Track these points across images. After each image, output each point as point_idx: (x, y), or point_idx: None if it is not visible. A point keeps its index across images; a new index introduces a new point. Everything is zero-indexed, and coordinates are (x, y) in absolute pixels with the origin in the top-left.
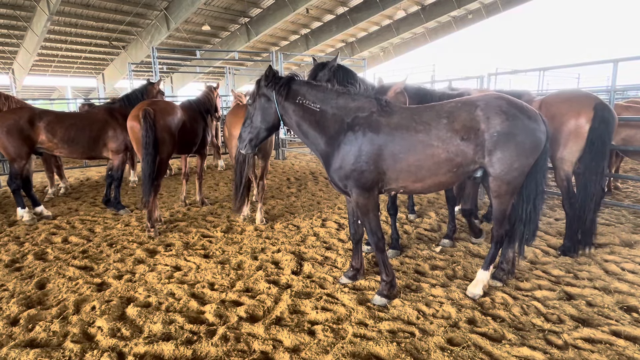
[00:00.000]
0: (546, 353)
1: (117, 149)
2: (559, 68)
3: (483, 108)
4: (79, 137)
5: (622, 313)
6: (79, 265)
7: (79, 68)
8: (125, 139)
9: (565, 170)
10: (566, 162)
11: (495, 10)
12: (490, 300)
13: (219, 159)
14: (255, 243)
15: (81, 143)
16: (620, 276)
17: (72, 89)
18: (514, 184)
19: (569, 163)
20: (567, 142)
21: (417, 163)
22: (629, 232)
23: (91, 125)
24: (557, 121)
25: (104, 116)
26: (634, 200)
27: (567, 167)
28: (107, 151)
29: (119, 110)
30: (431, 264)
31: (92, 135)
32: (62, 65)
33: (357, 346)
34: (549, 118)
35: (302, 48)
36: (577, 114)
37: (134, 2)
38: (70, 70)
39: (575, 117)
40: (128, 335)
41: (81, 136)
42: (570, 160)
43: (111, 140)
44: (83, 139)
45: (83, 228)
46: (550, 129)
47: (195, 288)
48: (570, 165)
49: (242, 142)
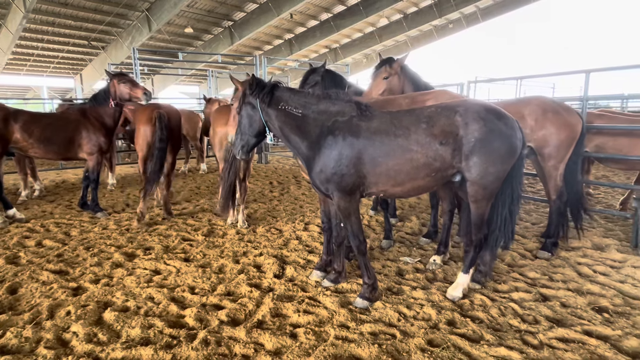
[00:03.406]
0: (522, 353)
1: (90, 150)
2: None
3: (462, 114)
4: (55, 137)
5: (593, 313)
6: (54, 270)
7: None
8: (98, 140)
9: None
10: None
11: (475, 20)
12: (470, 302)
13: (202, 162)
14: (237, 247)
15: (57, 143)
16: (592, 278)
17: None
18: (490, 189)
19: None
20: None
21: (396, 167)
22: (600, 236)
23: (66, 126)
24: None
25: (78, 117)
26: (605, 205)
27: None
28: (81, 152)
29: (91, 110)
30: (412, 266)
31: (67, 135)
32: (38, 65)
33: (339, 348)
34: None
35: (286, 53)
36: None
37: (114, 2)
38: (46, 70)
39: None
40: (105, 340)
41: (56, 136)
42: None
43: (84, 140)
44: (58, 140)
45: (58, 231)
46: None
47: (175, 292)
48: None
49: (235, 149)
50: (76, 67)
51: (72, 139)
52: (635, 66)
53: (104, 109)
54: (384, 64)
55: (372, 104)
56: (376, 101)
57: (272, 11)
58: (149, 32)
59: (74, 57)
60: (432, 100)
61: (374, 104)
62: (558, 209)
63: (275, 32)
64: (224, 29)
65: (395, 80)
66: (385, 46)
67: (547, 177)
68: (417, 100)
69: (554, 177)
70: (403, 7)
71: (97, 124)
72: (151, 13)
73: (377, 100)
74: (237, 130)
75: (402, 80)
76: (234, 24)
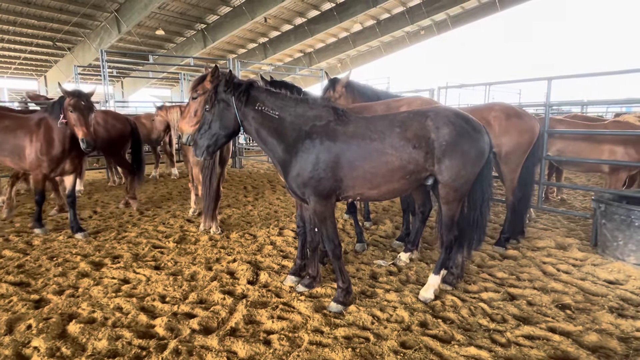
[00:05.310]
0: (491, 351)
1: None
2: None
3: (433, 118)
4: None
5: (557, 311)
6: (13, 281)
7: (18, 69)
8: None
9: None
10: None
11: (445, 27)
12: (441, 303)
13: (172, 167)
14: (209, 253)
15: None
16: (556, 277)
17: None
18: (461, 191)
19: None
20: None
21: (372, 170)
22: (563, 235)
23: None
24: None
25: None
26: (568, 206)
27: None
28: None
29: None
30: (386, 269)
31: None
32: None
33: (313, 353)
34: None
35: (260, 56)
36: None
37: (81, 2)
38: (7, 70)
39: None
40: (69, 354)
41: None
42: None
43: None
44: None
45: (19, 241)
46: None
47: (144, 301)
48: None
49: (199, 149)
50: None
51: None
52: (594, 74)
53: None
54: (327, 89)
55: (349, 110)
56: (353, 108)
57: (246, 15)
58: (118, 34)
59: (38, 58)
60: (405, 106)
61: (351, 110)
62: (512, 207)
63: (249, 36)
64: (197, 31)
65: (342, 101)
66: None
67: (505, 179)
68: (392, 107)
69: (511, 179)
70: (376, 13)
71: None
72: (120, 14)
73: (354, 106)
74: (200, 128)
75: (350, 98)
76: (207, 27)
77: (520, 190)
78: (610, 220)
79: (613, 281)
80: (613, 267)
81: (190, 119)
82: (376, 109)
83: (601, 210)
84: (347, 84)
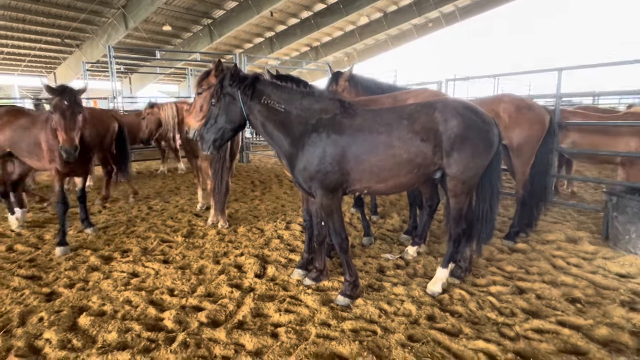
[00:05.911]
0: (499, 345)
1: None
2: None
3: (441, 110)
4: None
5: (567, 304)
6: (26, 275)
7: (28, 66)
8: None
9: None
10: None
11: (454, 19)
12: (449, 297)
13: (178, 162)
14: (217, 247)
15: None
16: (566, 270)
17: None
18: (469, 184)
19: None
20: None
21: (379, 164)
22: (574, 229)
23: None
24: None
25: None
26: (579, 199)
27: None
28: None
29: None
30: (393, 263)
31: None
32: (8, 63)
33: (320, 346)
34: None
35: (267, 51)
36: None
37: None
38: (17, 68)
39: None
40: (80, 346)
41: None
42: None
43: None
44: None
45: (31, 235)
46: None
47: (153, 294)
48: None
49: (206, 143)
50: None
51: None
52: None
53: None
54: (330, 83)
55: (355, 103)
56: (359, 100)
57: (252, 9)
58: (125, 30)
59: (47, 55)
60: (412, 99)
61: (358, 103)
62: (522, 200)
63: (255, 30)
64: (204, 27)
65: (346, 95)
66: (366, 44)
67: (517, 171)
68: (399, 99)
69: (523, 172)
70: (383, 5)
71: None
72: (127, 10)
73: (360, 99)
74: (207, 123)
75: (353, 92)
76: (213, 22)
77: (533, 183)
78: (623, 213)
79: (625, 274)
80: (625, 260)
81: (196, 114)
82: (383, 102)
83: (613, 203)
84: (350, 77)
